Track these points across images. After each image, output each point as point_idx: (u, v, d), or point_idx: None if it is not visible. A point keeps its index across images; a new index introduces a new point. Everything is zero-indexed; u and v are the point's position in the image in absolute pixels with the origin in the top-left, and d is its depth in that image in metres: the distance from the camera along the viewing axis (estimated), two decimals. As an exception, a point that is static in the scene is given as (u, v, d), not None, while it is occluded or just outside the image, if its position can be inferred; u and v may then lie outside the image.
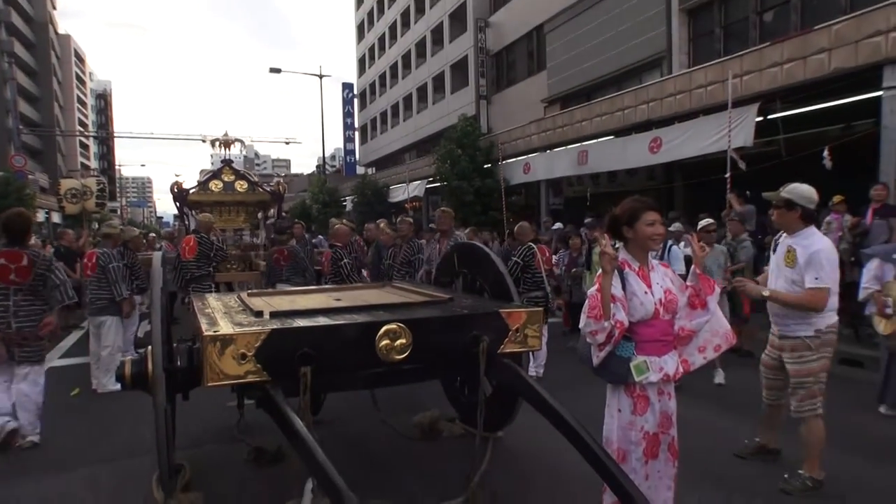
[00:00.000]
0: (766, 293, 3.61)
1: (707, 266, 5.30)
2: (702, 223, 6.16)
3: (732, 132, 9.33)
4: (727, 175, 9.10)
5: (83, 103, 72.16)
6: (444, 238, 6.58)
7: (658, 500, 2.70)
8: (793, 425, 3.70)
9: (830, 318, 3.48)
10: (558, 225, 13.02)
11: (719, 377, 5.91)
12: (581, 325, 2.68)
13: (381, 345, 3.12)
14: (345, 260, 6.81)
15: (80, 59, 71.16)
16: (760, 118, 9.53)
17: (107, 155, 78.36)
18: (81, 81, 71.14)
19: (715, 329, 2.83)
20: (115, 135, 78.48)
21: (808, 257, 3.41)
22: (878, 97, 7.95)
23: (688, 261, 6.12)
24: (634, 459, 2.67)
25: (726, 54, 11.68)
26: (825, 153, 8.13)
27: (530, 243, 6.54)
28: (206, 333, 2.92)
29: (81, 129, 67.40)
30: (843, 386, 5.12)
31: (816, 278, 3.36)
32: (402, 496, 3.47)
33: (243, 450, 4.28)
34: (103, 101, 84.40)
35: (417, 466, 4.01)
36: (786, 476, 3.64)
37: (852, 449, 4.15)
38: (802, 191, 3.52)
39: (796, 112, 9.40)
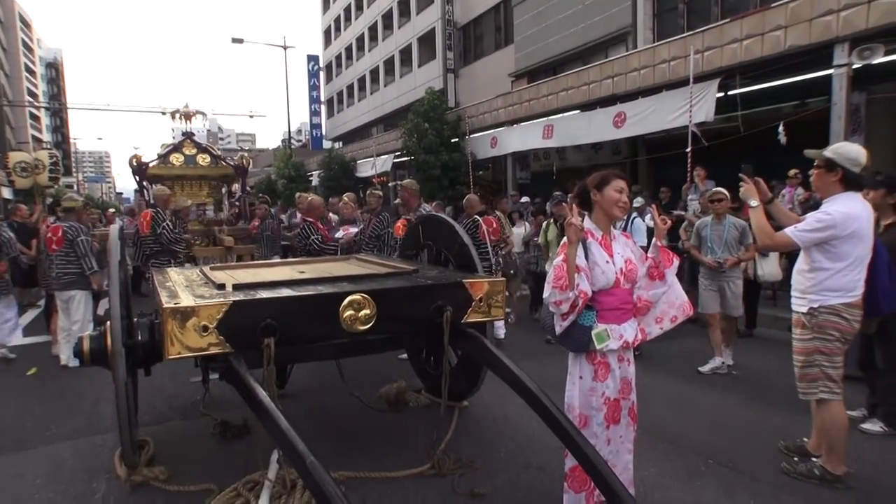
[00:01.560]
0: (752, 203, 3.33)
1: (713, 239, 5.39)
2: (710, 192, 5.80)
3: (694, 107, 9.50)
4: (689, 150, 9.30)
5: (31, 72, 68.77)
6: (373, 216, 6.58)
7: (620, 464, 2.80)
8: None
9: (830, 299, 3.15)
10: (525, 199, 13.10)
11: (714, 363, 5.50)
12: (546, 295, 2.71)
13: (344, 315, 3.13)
14: (313, 237, 6.20)
15: (27, 25, 67.67)
16: (721, 94, 9.70)
17: (60, 127, 75.19)
18: (29, 49, 67.72)
19: (672, 300, 2.89)
20: (69, 106, 75.30)
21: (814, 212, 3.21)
22: (830, 75, 8.17)
23: (650, 233, 6.27)
24: (596, 424, 2.75)
25: (689, 30, 11.79)
26: (780, 129, 8.36)
27: (475, 216, 6.63)
28: (166, 306, 2.88)
29: (31, 100, 64.41)
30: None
31: (800, 227, 3.17)
32: (369, 464, 3.51)
33: (209, 424, 4.26)
34: (54, 71, 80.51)
35: (384, 436, 4.06)
36: (796, 459, 3.51)
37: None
38: (847, 150, 3.19)
39: (754, 88, 9.60)
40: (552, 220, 7.06)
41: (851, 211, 3.09)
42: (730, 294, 5.38)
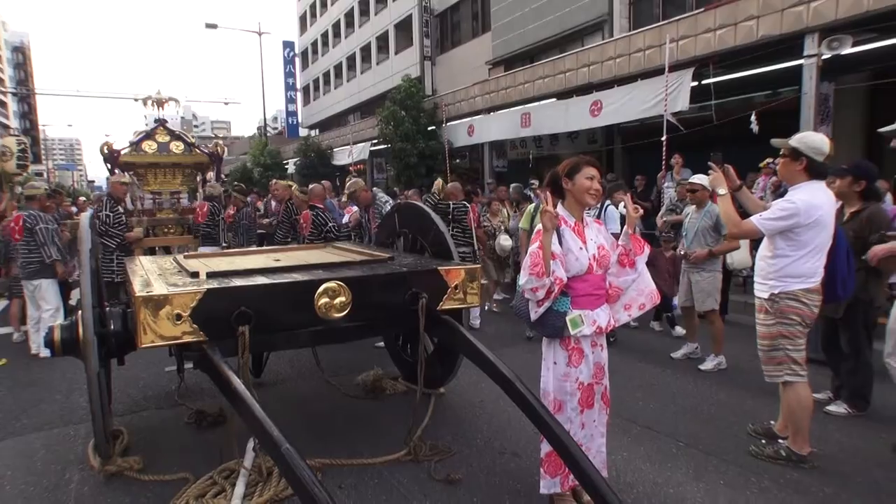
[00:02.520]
0: (721, 191, 3.43)
1: (689, 228, 5.31)
2: (691, 179, 5.63)
3: (669, 96, 9.58)
4: (664, 138, 9.40)
5: (-3, 57, 66.61)
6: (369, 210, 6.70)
7: (594, 447, 2.85)
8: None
9: (790, 284, 3.22)
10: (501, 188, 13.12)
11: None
12: (521, 282, 2.73)
13: (320, 303, 3.12)
14: (330, 224, 5.98)
15: (-8, 9, 65.33)
16: (695, 83, 9.80)
17: (28, 114, 73.01)
18: (-7, 32, 65.50)
19: (641, 288, 2.92)
20: (37, 92, 73.05)
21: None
22: (800, 65, 8.31)
23: (623, 221, 6.33)
24: (570, 409, 2.78)
25: (664, 19, 11.86)
26: (753, 118, 8.48)
27: (464, 201, 6.62)
28: (138, 294, 2.84)
29: (-3, 86, 62.37)
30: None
31: (764, 216, 3.21)
32: (346, 451, 3.51)
33: (184, 413, 4.22)
34: (21, 55, 78.00)
35: (361, 423, 4.06)
36: (763, 441, 3.57)
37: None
38: (811, 140, 3.23)
39: (728, 78, 9.71)
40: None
41: (815, 199, 3.15)
42: (694, 287, 5.24)
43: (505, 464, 3.42)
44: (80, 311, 3.15)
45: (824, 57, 8.02)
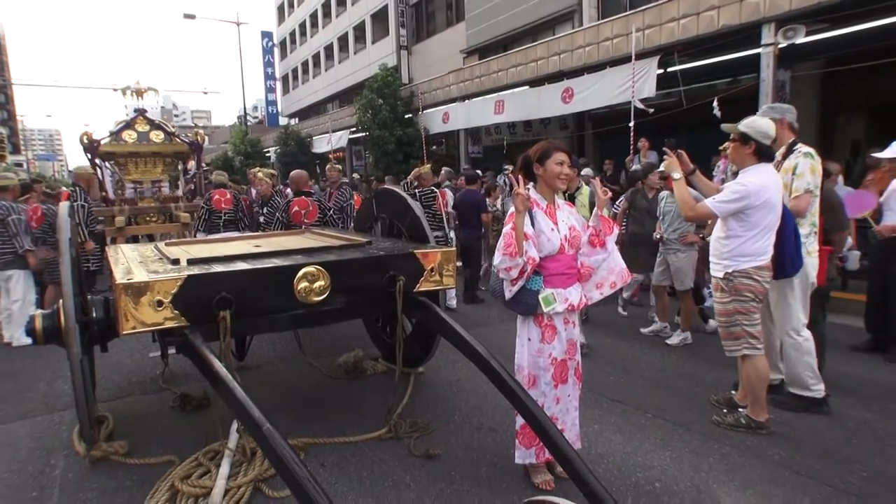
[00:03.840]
0: (675, 175, 3.47)
1: (666, 211, 5.29)
2: (659, 171, 5.79)
3: (636, 83, 9.61)
4: (631, 124, 9.44)
5: (-28, 48, 64.00)
6: (334, 189, 6.77)
7: (568, 420, 2.88)
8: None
9: (742, 263, 3.26)
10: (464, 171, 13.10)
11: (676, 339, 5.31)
12: (496, 262, 2.73)
13: (299, 287, 3.07)
14: (331, 213, 5.98)
15: (-35, -1, 62.60)
16: (661, 70, 9.84)
17: (6, 104, 70.39)
18: (-32, 23, 62.80)
19: (611, 267, 2.94)
20: (13, 82, 70.49)
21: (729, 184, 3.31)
22: (758, 53, 8.39)
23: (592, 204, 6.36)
24: (543, 384, 2.81)
25: (631, 9, 11.84)
26: (715, 104, 8.55)
27: (433, 187, 6.59)
28: (119, 282, 2.77)
29: (-27, 77, 60.00)
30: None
31: (718, 199, 3.25)
32: (328, 431, 3.49)
33: (169, 398, 4.15)
34: (-4, 46, 75.07)
35: (343, 403, 4.04)
36: (725, 410, 3.64)
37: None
38: (758, 125, 3.28)
39: (692, 66, 9.76)
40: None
41: (764, 182, 3.20)
42: (672, 267, 5.29)
43: (482, 438, 3.43)
44: (61, 300, 3.06)
45: (780, 46, 8.11)
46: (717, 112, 8.37)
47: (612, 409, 3.83)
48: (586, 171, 8.24)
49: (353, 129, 20.12)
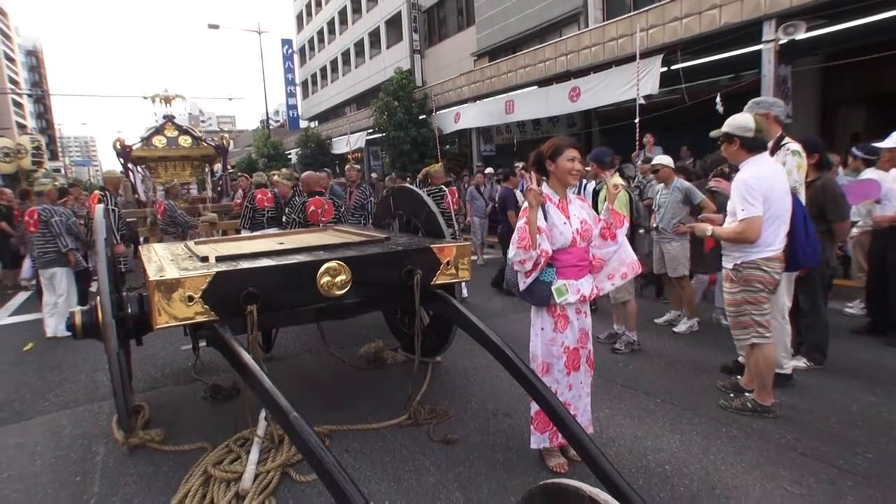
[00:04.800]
0: (708, 232, 3.37)
1: (660, 203, 5.22)
2: (654, 160, 5.57)
3: (641, 81, 9.48)
4: (637, 121, 9.32)
5: (11, 60, 65.02)
6: (354, 188, 6.77)
7: (581, 405, 2.86)
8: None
9: (750, 254, 3.19)
10: (489, 170, 13.04)
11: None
12: (510, 255, 2.71)
13: (322, 282, 3.08)
14: (343, 210, 6.05)
15: (3, 14, 63.66)
16: (664, 69, 9.70)
17: (44, 114, 71.58)
18: (7, 37, 63.83)
19: (622, 259, 2.90)
20: (51, 93, 71.67)
21: (734, 187, 3.21)
22: (760, 50, 8.23)
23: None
24: (557, 371, 2.79)
25: (635, 9, 11.68)
26: (718, 100, 8.41)
27: (442, 185, 6.58)
28: (152, 279, 2.79)
29: (13, 87, 61.00)
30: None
31: (743, 210, 3.13)
32: (351, 418, 3.50)
33: (200, 388, 4.19)
34: (34, 58, 76.22)
35: (365, 392, 4.05)
36: (732, 395, 3.59)
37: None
38: (736, 121, 3.21)
39: (694, 63, 9.61)
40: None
41: (760, 172, 3.13)
42: (666, 255, 5.19)
43: (498, 424, 3.42)
44: (98, 297, 3.10)
45: (781, 42, 7.95)
46: (719, 108, 8.24)
47: (623, 395, 3.80)
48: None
49: (370, 130, 20.14)
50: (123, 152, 9.54)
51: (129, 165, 9.81)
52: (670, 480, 2.72)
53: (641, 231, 4.84)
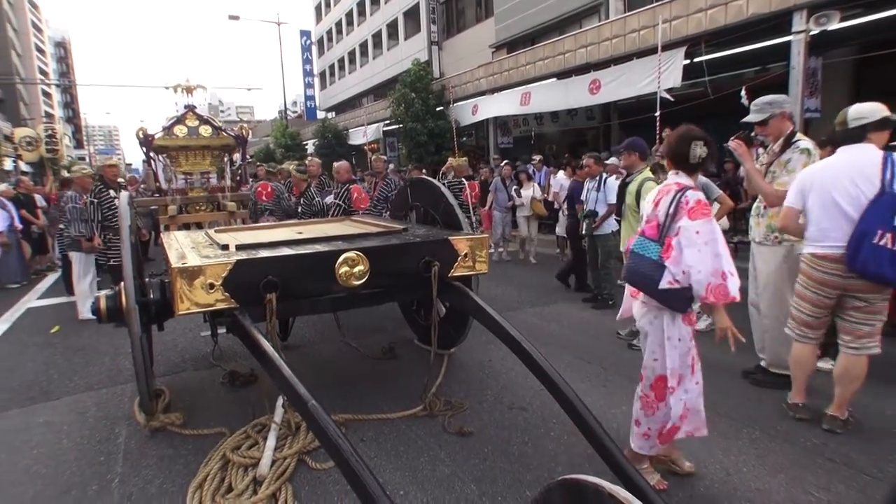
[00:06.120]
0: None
1: None
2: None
3: (662, 74, 9.32)
4: (657, 114, 9.17)
5: (41, 51, 66.06)
6: (380, 179, 6.73)
7: (701, 406, 2.59)
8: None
9: (804, 247, 3.10)
10: (505, 162, 12.96)
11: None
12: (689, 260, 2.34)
13: (340, 272, 3.07)
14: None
15: (35, 6, 64.68)
16: (687, 61, 9.51)
17: (70, 103, 72.81)
18: (38, 29, 64.93)
19: None
20: (78, 83, 72.77)
21: None
22: (788, 42, 8.01)
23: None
24: (694, 382, 2.54)
25: (658, 0, 11.47)
26: (743, 93, 8.22)
27: (463, 178, 6.55)
28: (174, 266, 2.82)
29: (42, 78, 62.06)
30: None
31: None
32: (366, 408, 3.51)
33: (219, 374, 4.24)
34: (63, 50, 77.43)
35: (380, 382, 4.06)
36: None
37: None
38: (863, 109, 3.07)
39: (719, 55, 9.40)
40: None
41: (819, 165, 3.09)
42: None
43: (513, 417, 3.40)
44: (122, 282, 3.13)
45: (812, 33, 7.70)
46: (744, 101, 8.04)
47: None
48: (612, 160, 8.06)
49: (387, 121, 20.11)
50: (146, 141, 9.59)
51: (151, 154, 9.89)
52: (689, 480, 2.68)
53: None
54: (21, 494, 2.79)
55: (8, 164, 28.50)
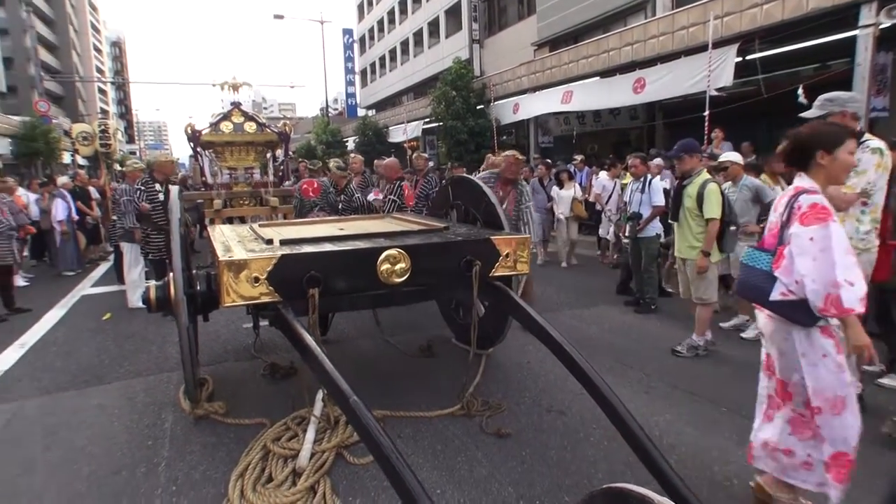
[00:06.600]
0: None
1: (735, 202, 4.80)
2: (721, 157, 5.25)
3: (713, 73, 9.03)
4: (706, 114, 8.89)
5: (99, 51, 69.23)
6: (421, 177, 6.66)
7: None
8: None
9: None
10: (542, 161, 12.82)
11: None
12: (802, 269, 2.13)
13: (382, 269, 3.08)
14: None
15: (94, 8, 67.81)
16: (740, 59, 9.18)
17: (124, 100, 75.91)
18: (96, 30, 68.04)
19: None
20: (131, 81, 75.87)
21: None
22: (853, 36, 7.61)
23: (666, 193, 6.02)
24: (853, 403, 2.17)
25: (709, -4, 11.11)
26: (800, 91, 7.87)
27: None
28: (221, 259, 2.88)
29: (99, 76, 64.97)
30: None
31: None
32: (403, 405, 3.52)
33: (259, 366, 4.33)
34: (118, 49, 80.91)
35: (417, 379, 4.06)
36: None
37: None
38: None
39: (774, 53, 9.04)
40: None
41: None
42: (731, 255, 4.89)
43: (552, 421, 3.35)
44: (171, 274, 3.23)
45: (882, 26, 7.26)
46: (802, 100, 7.69)
47: (684, 401, 3.63)
48: (657, 161, 7.87)
49: (427, 119, 20.19)
50: (193, 137, 9.92)
51: (199, 149, 10.20)
52: (738, 496, 2.58)
53: (732, 228, 4.54)
54: (78, 471, 2.93)
55: (66, 158, 29.96)
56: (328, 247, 3.22)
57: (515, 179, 5.19)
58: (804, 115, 3.31)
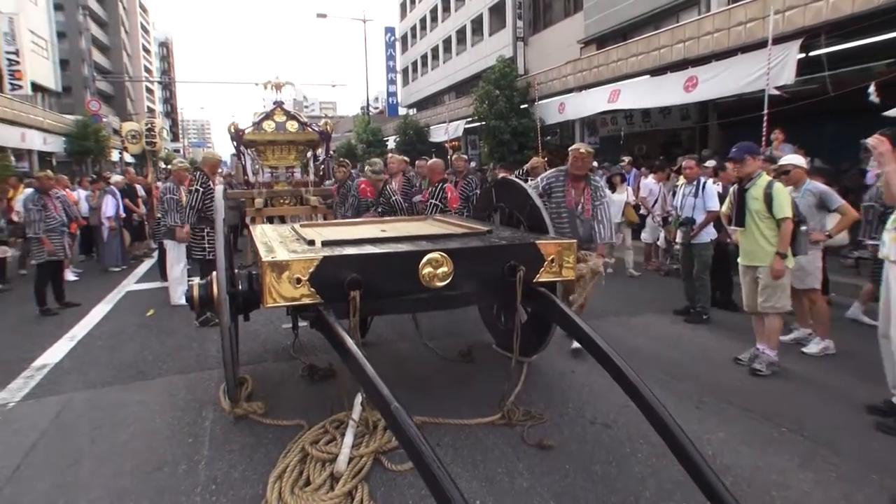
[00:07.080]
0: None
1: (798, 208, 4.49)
2: (781, 161, 5.06)
3: (773, 70, 8.69)
4: (764, 113, 8.56)
5: (148, 51, 72.31)
6: (460, 179, 6.64)
7: None
8: None
9: None
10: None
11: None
12: None
13: (424, 272, 3.08)
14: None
15: (144, 10, 70.85)
16: (802, 55, 8.79)
17: (169, 99, 79.01)
18: (146, 31, 71.09)
19: None
20: (177, 80, 78.88)
21: None
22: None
23: (720, 197, 5.81)
24: None
25: (770, -11, 10.70)
26: (871, 89, 7.47)
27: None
28: (264, 259, 2.93)
29: (147, 76, 67.82)
30: None
31: None
32: (442, 411, 3.51)
33: (298, 367, 4.40)
34: (165, 49, 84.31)
35: (456, 385, 4.04)
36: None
37: None
38: None
39: (842, 48, 8.61)
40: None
41: None
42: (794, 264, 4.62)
43: (596, 434, 3.28)
44: (214, 273, 3.31)
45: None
46: (874, 99, 7.30)
47: (739, 419, 3.48)
48: (710, 162, 7.63)
49: (469, 119, 20.19)
50: (237, 135, 10.19)
51: (241, 148, 10.48)
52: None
53: (803, 228, 4.31)
54: (121, 466, 3.04)
55: (114, 156, 31.38)
56: (370, 249, 3.24)
57: (586, 175, 4.85)
58: (889, 113, 3.12)
